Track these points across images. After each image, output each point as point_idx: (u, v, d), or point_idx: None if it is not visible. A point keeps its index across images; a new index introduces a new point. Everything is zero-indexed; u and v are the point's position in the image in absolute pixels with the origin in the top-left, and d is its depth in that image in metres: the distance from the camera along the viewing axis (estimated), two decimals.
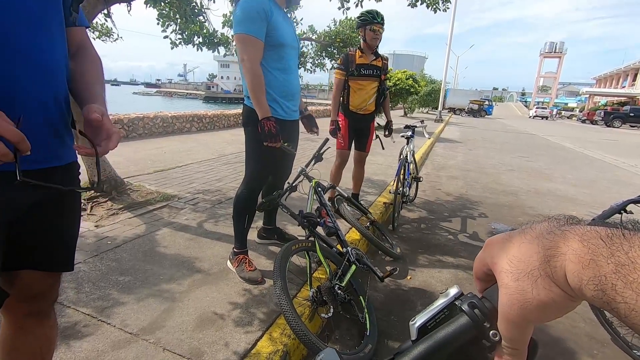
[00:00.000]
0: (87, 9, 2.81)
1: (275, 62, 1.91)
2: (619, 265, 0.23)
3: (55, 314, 1.04)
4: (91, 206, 2.95)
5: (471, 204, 4.34)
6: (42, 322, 0.99)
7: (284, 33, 1.89)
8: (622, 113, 28.25)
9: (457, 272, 2.62)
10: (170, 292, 1.92)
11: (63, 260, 0.95)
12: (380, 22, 2.94)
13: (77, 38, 0.95)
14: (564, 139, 14.61)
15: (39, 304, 0.96)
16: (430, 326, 0.35)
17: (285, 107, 2.02)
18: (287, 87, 1.99)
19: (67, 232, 0.95)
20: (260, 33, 1.80)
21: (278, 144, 1.88)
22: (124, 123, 6.43)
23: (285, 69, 1.96)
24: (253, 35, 1.79)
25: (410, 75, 14.13)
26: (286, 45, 1.92)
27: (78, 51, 0.95)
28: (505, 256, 0.31)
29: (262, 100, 1.85)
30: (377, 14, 2.95)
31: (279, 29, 1.85)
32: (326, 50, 5.77)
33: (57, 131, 0.83)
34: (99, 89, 0.94)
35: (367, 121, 3.27)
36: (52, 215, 0.88)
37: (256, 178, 2.11)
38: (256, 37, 1.80)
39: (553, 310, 0.28)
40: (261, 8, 1.77)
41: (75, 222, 0.98)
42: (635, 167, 8.28)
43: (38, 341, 0.98)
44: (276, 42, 1.86)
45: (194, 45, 4.61)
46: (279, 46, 1.89)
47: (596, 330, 2.00)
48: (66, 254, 0.96)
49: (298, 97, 2.13)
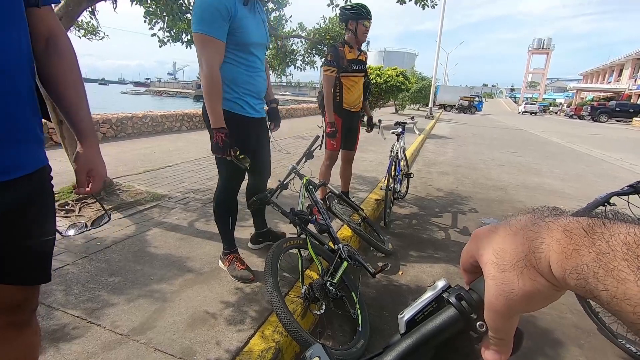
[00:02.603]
0: (71, 6, 2.75)
1: (241, 59, 1.81)
2: (600, 253, 0.24)
3: (36, 320, 1.01)
4: (79, 207, 2.91)
5: (461, 199, 4.39)
6: (22, 331, 0.94)
7: (250, 31, 1.77)
8: (608, 108, 28.79)
9: (448, 267, 2.65)
10: (161, 292, 1.91)
11: (34, 272, 0.89)
12: (371, 17, 2.94)
13: (44, 25, 0.85)
14: (552, 134, 14.83)
15: (17, 316, 0.92)
16: (418, 319, 0.36)
17: (253, 104, 1.94)
18: (254, 84, 1.90)
19: (37, 241, 0.87)
20: (221, 33, 1.67)
21: (228, 156, 1.77)
22: (112, 123, 6.33)
23: (252, 66, 1.87)
24: (212, 36, 1.66)
25: (400, 72, 14.16)
26: (252, 43, 1.82)
27: (48, 43, 0.87)
28: (491, 248, 0.31)
29: (217, 108, 1.72)
30: (364, 8, 2.93)
31: (243, 27, 1.73)
32: (316, 48, 5.74)
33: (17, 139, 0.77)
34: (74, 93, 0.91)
35: (357, 119, 3.24)
36: (15, 225, 0.82)
37: (230, 180, 2.03)
38: (216, 37, 1.67)
39: (538, 300, 0.28)
40: (222, 5, 1.63)
41: (47, 230, 0.90)
42: (620, 160, 8.45)
43: (19, 351, 0.95)
44: (241, 40, 1.76)
45: (182, 43, 4.54)
46: (245, 44, 1.79)
47: (582, 321, 2.04)
48: (37, 265, 0.89)
49: (264, 94, 2.05)
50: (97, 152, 1.01)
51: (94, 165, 0.99)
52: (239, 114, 1.88)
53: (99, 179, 1.01)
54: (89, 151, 0.98)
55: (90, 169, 0.98)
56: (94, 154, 0.99)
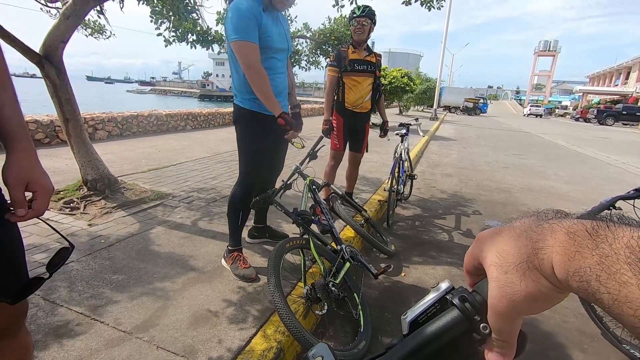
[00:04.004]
0: (78, 5, 2.78)
1: (263, 62, 1.93)
2: (603, 256, 0.23)
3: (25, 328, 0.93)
4: (84, 205, 2.93)
5: (465, 202, 4.37)
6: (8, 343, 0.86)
7: (272, 36, 1.94)
8: (615, 111, 28.54)
9: (450, 269, 2.64)
10: (164, 290, 1.92)
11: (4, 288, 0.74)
12: (361, 15, 2.90)
13: None
14: (557, 137, 14.73)
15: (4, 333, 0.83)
16: (421, 320, 0.36)
17: None
18: (274, 84, 2.01)
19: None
20: (255, 37, 1.85)
21: (298, 132, 2.01)
22: (117, 121, 6.38)
23: (272, 69, 2.00)
24: (250, 41, 1.84)
25: (405, 73, 14.14)
26: (273, 48, 1.96)
27: None
28: (495, 249, 0.31)
29: (274, 98, 1.92)
30: (359, 8, 2.94)
31: (267, 33, 1.90)
32: (321, 48, 5.76)
33: None
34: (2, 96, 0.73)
35: (363, 121, 3.22)
36: None
37: (250, 174, 2.13)
38: (253, 42, 1.85)
39: (541, 302, 0.28)
40: (251, 13, 1.81)
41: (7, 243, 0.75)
42: (626, 164, 8.38)
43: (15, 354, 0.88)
44: (264, 45, 1.90)
45: (187, 42, 4.58)
46: (267, 49, 1.93)
47: (586, 325, 2.03)
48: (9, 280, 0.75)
49: (285, 95, 2.18)
50: (34, 159, 0.77)
51: (31, 176, 0.74)
52: (258, 112, 2.00)
53: (43, 195, 0.76)
54: (22, 158, 0.74)
55: (28, 182, 0.74)
56: (30, 161, 0.75)
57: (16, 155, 0.73)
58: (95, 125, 5.93)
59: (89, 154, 3.14)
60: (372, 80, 3.11)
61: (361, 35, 2.96)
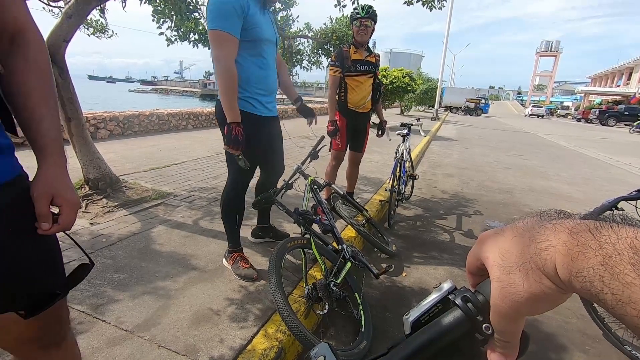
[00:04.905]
0: (80, 4, 2.78)
1: (253, 57, 1.84)
2: (607, 257, 0.23)
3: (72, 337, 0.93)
4: (86, 204, 2.93)
5: (466, 202, 4.36)
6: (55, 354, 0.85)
7: (262, 29, 1.82)
8: (617, 112, 28.43)
9: (452, 269, 2.63)
10: (165, 289, 1.92)
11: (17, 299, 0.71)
12: (365, 16, 2.89)
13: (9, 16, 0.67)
14: (559, 138, 14.69)
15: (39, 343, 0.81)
16: (423, 320, 0.36)
17: (264, 103, 1.97)
18: (266, 83, 1.93)
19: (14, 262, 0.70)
20: (236, 30, 1.71)
21: (238, 152, 1.79)
22: (119, 120, 6.39)
23: (264, 64, 1.90)
24: (228, 32, 1.69)
25: (406, 73, 14.12)
26: (264, 40, 1.85)
27: (14, 41, 0.70)
28: (497, 250, 0.31)
29: (234, 103, 1.76)
30: (363, 8, 2.92)
31: (257, 25, 1.78)
32: (322, 48, 5.75)
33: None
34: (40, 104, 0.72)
35: (364, 120, 3.23)
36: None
37: (239, 177, 2.04)
38: (231, 34, 1.70)
39: (544, 303, 0.28)
40: (237, 4, 1.68)
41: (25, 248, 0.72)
42: (628, 165, 8.35)
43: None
44: (254, 37, 1.79)
45: (189, 42, 4.59)
46: (257, 42, 1.82)
47: (588, 326, 2.02)
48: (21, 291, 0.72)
49: (276, 93, 2.08)
50: (63, 173, 0.76)
51: (57, 190, 0.73)
52: (251, 113, 1.91)
53: (69, 210, 0.75)
54: (51, 172, 0.73)
55: (53, 195, 0.72)
56: (57, 175, 0.74)
57: (45, 168, 0.73)
58: (97, 125, 5.94)
59: (90, 153, 3.15)
60: (373, 80, 3.12)
61: (364, 37, 2.96)
